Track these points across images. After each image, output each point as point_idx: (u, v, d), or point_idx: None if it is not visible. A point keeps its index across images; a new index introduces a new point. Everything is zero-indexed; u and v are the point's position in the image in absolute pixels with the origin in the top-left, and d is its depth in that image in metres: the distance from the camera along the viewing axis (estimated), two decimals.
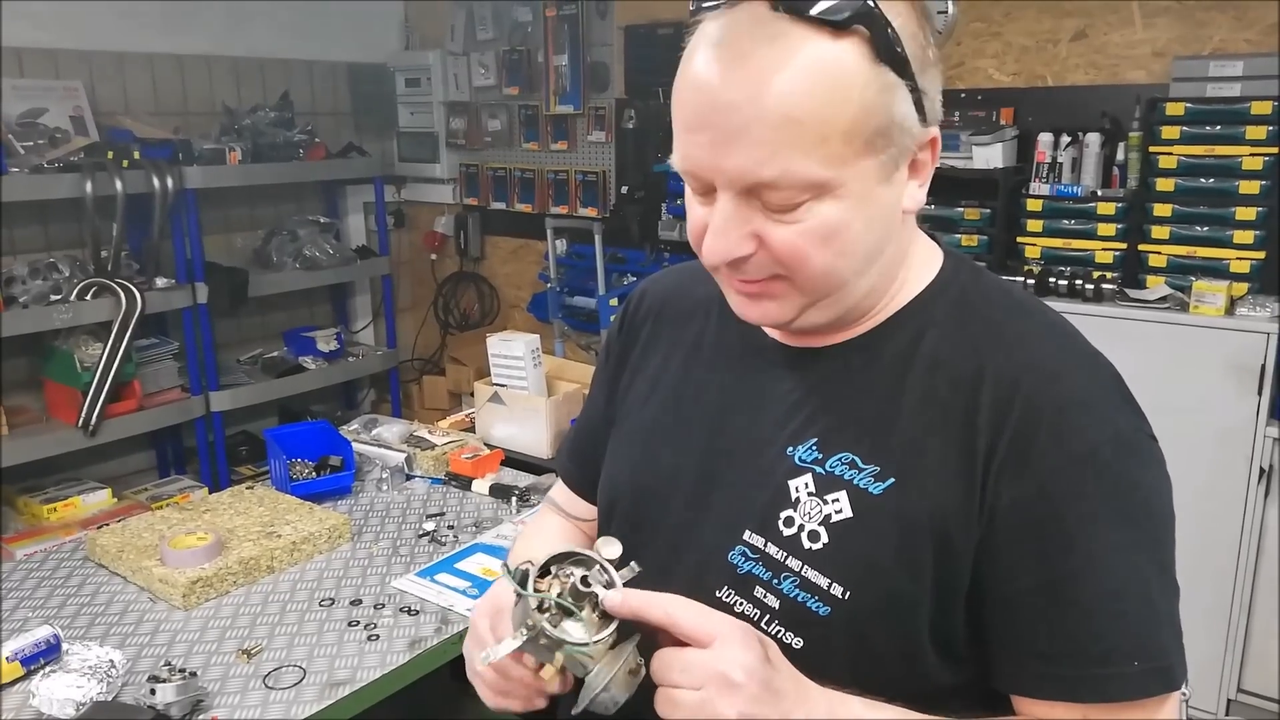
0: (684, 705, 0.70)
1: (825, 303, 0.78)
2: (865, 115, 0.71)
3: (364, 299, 4.55)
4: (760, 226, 0.74)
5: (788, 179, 0.71)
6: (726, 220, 0.74)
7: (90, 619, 1.68)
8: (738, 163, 0.71)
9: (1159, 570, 0.76)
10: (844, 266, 0.76)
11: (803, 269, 0.75)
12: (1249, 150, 2.59)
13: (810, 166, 0.71)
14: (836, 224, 0.73)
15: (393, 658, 1.57)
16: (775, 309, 0.79)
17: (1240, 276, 2.63)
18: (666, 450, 0.92)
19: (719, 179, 0.73)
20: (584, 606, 0.73)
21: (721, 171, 0.73)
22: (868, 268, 0.78)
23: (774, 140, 0.70)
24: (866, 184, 0.74)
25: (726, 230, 0.75)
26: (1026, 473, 0.75)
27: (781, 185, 0.71)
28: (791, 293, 0.78)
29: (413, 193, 4.72)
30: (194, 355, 3.43)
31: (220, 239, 3.78)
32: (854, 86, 0.70)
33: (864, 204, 0.74)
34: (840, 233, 0.74)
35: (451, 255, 4.64)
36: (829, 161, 0.71)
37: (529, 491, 2.18)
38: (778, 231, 0.74)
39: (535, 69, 4.16)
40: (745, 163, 0.71)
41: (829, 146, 0.71)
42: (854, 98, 0.71)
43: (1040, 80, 3.08)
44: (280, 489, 2.16)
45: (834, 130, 0.70)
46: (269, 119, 3.74)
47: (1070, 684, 0.75)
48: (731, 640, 0.71)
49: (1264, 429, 2.46)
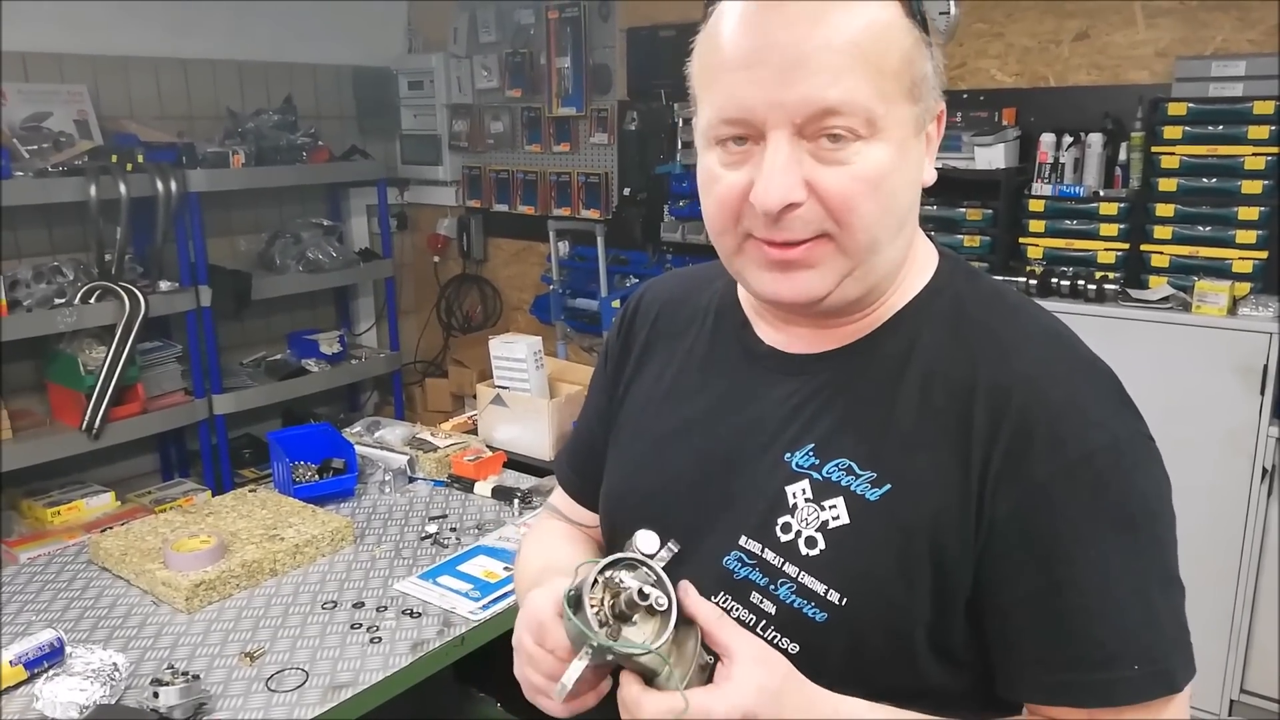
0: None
1: (859, 271, 0.77)
2: (907, 60, 0.74)
3: (367, 301, 4.56)
4: (810, 172, 0.73)
5: (851, 103, 0.71)
6: (784, 160, 0.73)
7: (93, 622, 1.68)
8: (803, 89, 0.71)
9: (1161, 572, 0.76)
10: (886, 223, 0.76)
11: (851, 219, 0.74)
12: (1251, 150, 2.58)
13: (869, 95, 0.72)
14: (884, 170, 0.74)
15: (395, 660, 1.57)
16: (814, 280, 0.77)
17: (1243, 276, 2.63)
18: (665, 456, 0.92)
19: (775, 116, 0.72)
20: (638, 610, 0.71)
21: (781, 104, 0.72)
22: (899, 233, 0.78)
23: (838, 64, 0.71)
24: (905, 132, 0.75)
25: (784, 171, 0.73)
26: (1024, 480, 0.74)
27: (845, 110, 0.71)
28: (834, 256, 0.76)
29: (416, 195, 4.73)
30: (197, 358, 3.44)
31: (224, 242, 3.79)
32: (898, 31, 0.74)
33: (903, 155, 0.75)
34: (886, 180, 0.74)
35: (454, 257, 4.65)
36: (883, 96, 0.73)
37: (531, 493, 2.18)
38: (829, 175, 0.73)
39: (538, 71, 4.16)
40: (811, 86, 0.71)
41: (883, 81, 0.73)
42: (898, 42, 0.74)
43: (1042, 81, 3.08)
44: (283, 492, 2.17)
45: (887, 66, 0.73)
46: (272, 122, 3.75)
47: (1074, 690, 0.75)
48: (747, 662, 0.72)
49: (1267, 429, 2.45)
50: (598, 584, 0.73)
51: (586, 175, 4.13)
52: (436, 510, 2.16)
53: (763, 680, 0.70)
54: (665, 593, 0.71)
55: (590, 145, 4.12)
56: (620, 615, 0.71)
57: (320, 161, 3.84)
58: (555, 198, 4.24)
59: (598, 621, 0.70)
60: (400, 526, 2.07)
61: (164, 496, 3.26)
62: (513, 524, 2.07)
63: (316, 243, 3.85)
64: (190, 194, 3.32)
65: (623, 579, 0.72)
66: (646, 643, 0.70)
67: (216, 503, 2.10)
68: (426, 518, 2.11)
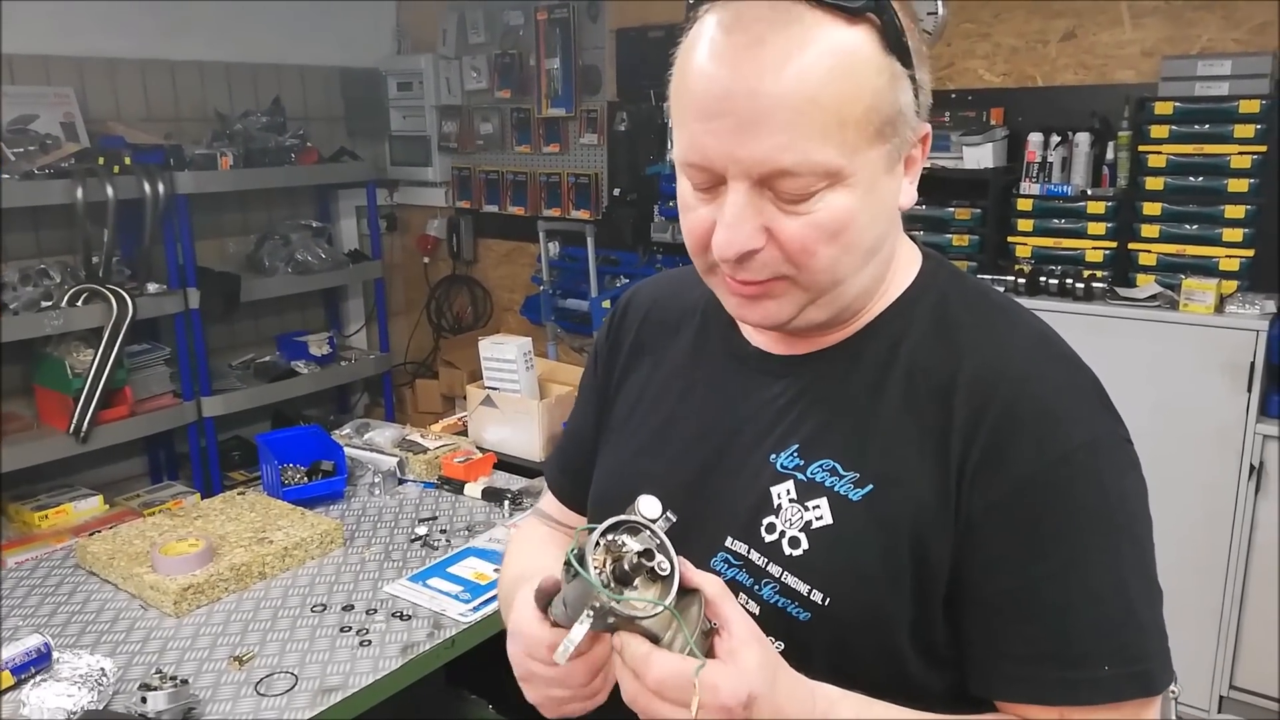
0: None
1: (824, 300, 0.78)
2: (877, 103, 0.72)
3: (356, 303, 4.55)
4: (770, 219, 0.73)
5: (807, 165, 0.70)
6: (740, 210, 0.72)
7: (81, 627, 1.67)
8: (757, 149, 0.70)
9: (1137, 573, 0.76)
10: (847, 263, 0.76)
11: (808, 264, 0.74)
12: (1237, 149, 2.60)
13: (828, 152, 0.70)
14: (846, 215, 0.73)
15: (385, 663, 1.56)
16: (775, 309, 0.78)
17: (1229, 274, 2.65)
18: (653, 457, 0.92)
19: (733, 169, 0.72)
20: (640, 573, 0.70)
21: (738, 160, 0.71)
22: (867, 263, 0.78)
23: (794, 124, 0.69)
24: (874, 174, 0.74)
25: (740, 221, 0.72)
26: (1002, 477, 0.75)
27: (800, 172, 0.70)
28: (793, 290, 0.77)
29: (405, 196, 4.72)
30: (186, 361, 3.42)
31: (212, 244, 3.78)
32: (868, 73, 0.71)
33: (870, 195, 0.74)
34: (848, 225, 0.73)
35: (444, 258, 4.64)
36: (844, 148, 0.71)
37: (521, 495, 2.18)
38: (788, 224, 0.73)
39: (527, 72, 4.16)
40: (765, 148, 0.70)
41: (845, 133, 0.70)
42: (868, 84, 0.71)
43: (1030, 80, 3.09)
44: (272, 494, 2.16)
45: (850, 116, 0.70)
46: (261, 124, 3.74)
47: (1041, 686, 0.75)
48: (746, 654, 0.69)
49: (1254, 426, 2.47)
50: (599, 546, 0.71)
51: (576, 176, 4.13)
52: (426, 512, 2.15)
53: (762, 659, 0.69)
54: (668, 557, 0.70)
55: (580, 146, 4.12)
56: (621, 578, 0.69)
57: (309, 163, 3.83)
58: (545, 198, 4.24)
59: (600, 584, 0.68)
60: (390, 528, 2.06)
61: (152, 499, 3.25)
62: (503, 525, 2.07)
63: (305, 244, 3.83)
64: (178, 196, 3.30)
65: (625, 542, 0.71)
66: (650, 609, 0.68)
67: (205, 505, 2.09)
68: (416, 520, 2.11)
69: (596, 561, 0.70)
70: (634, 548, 0.70)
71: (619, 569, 0.69)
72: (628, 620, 0.68)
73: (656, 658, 0.67)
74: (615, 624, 0.69)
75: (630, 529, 0.72)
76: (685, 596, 0.71)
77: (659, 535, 0.72)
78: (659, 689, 0.66)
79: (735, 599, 0.71)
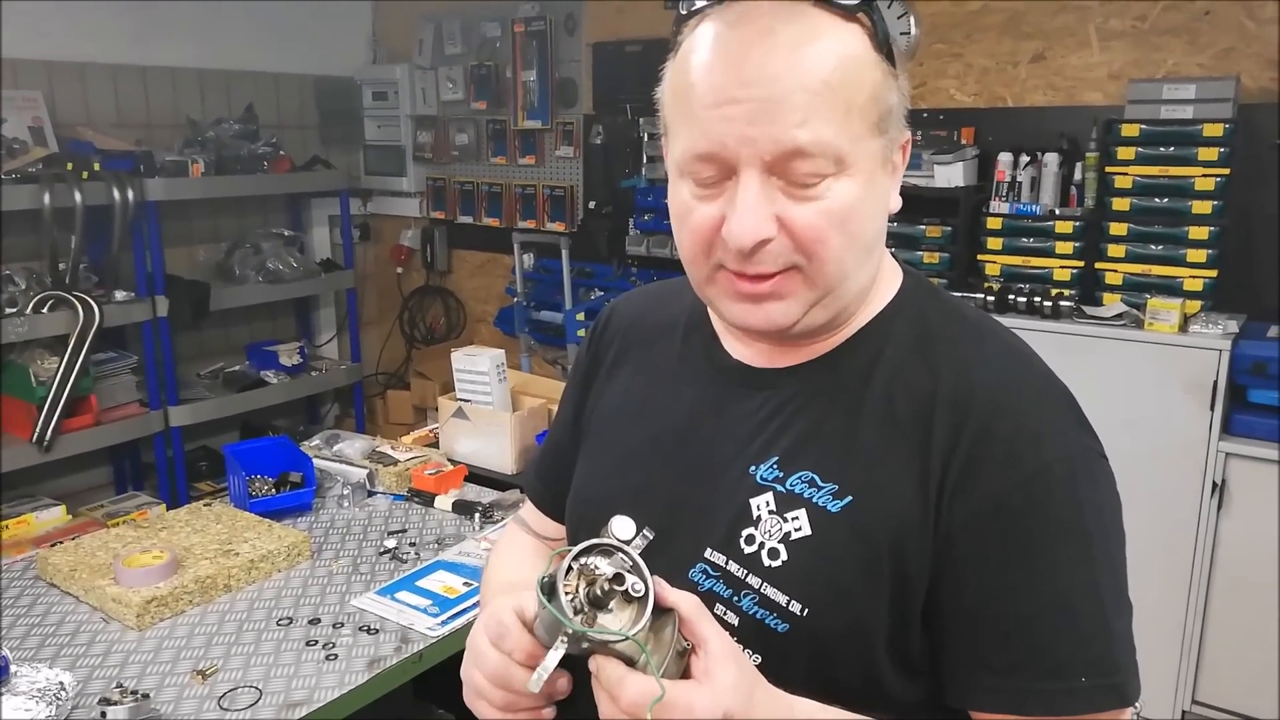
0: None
1: (829, 299, 0.79)
2: (876, 95, 0.76)
3: (328, 313, 4.51)
4: (782, 208, 0.75)
5: (821, 145, 0.73)
6: (754, 197, 0.74)
7: (40, 640, 1.64)
8: (774, 130, 0.72)
9: (1111, 587, 0.77)
10: (852, 255, 0.77)
11: (820, 253, 0.76)
12: (1201, 171, 2.65)
13: (838, 136, 0.73)
14: (852, 204, 0.75)
15: (351, 677, 1.54)
16: (782, 311, 0.79)
17: (1193, 294, 2.69)
18: (632, 468, 0.92)
19: (746, 153, 0.73)
20: (614, 596, 0.70)
21: (754, 142, 0.73)
22: (866, 260, 0.80)
23: (809, 105, 0.72)
24: (873, 167, 0.77)
25: (755, 208, 0.74)
26: (980, 490, 0.76)
27: (814, 152, 0.73)
28: (802, 288, 0.78)
29: (379, 206, 4.70)
30: (153, 369, 3.38)
31: (182, 252, 3.74)
32: (868, 66, 0.75)
33: (870, 188, 0.77)
34: (854, 214, 0.76)
35: (418, 269, 4.62)
36: (850, 135, 0.74)
37: (492, 508, 2.17)
38: (800, 211, 0.75)
39: (503, 84, 4.17)
40: (783, 128, 0.72)
41: (850, 120, 0.74)
42: (868, 76, 0.75)
43: (1000, 101, 3.14)
44: (239, 506, 2.13)
45: (855, 103, 0.74)
46: (233, 131, 3.71)
47: (1018, 697, 0.75)
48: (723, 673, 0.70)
49: (1216, 444, 2.51)
50: (572, 571, 0.71)
51: (552, 188, 4.13)
52: (396, 525, 2.13)
53: (738, 677, 0.70)
54: (642, 578, 0.70)
55: (555, 158, 4.13)
56: (595, 602, 0.70)
57: (282, 171, 3.80)
58: (520, 210, 4.24)
59: (573, 609, 0.69)
60: (358, 541, 2.04)
61: (116, 510, 3.19)
62: (473, 539, 2.06)
63: (277, 253, 3.81)
64: (148, 203, 3.27)
65: (598, 565, 0.71)
66: (624, 629, 0.69)
67: (170, 517, 2.06)
68: (385, 532, 2.09)
69: (568, 586, 0.70)
70: (606, 571, 0.70)
71: (592, 593, 0.69)
72: (601, 644, 0.69)
73: (630, 681, 0.68)
74: (590, 649, 0.70)
75: (604, 551, 0.72)
76: (661, 616, 0.71)
77: (632, 557, 0.72)
78: (632, 711, 0.67)
79: (711, 616, 0.72)
